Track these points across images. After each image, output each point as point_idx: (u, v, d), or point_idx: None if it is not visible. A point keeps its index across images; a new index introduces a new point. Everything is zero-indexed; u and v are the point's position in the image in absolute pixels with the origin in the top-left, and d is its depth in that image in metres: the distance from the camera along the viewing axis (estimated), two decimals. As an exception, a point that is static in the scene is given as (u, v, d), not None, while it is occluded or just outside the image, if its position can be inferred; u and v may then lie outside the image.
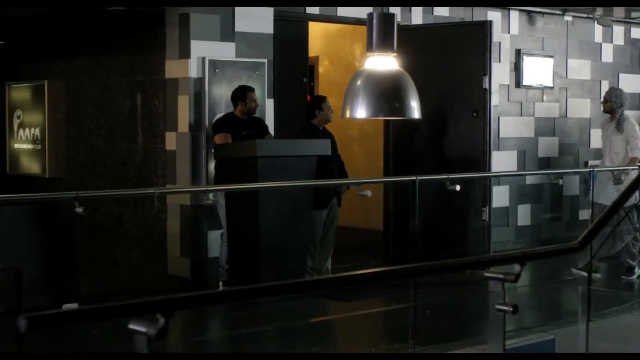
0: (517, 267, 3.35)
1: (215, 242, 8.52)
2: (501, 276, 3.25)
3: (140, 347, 2.47)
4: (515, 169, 11.04)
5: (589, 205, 11.87)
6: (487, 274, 3.32)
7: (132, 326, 2.49)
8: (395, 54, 5.13)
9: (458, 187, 6.76)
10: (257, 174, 7.81)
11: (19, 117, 10.91)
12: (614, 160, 9.22)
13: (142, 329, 2.46)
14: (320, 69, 11.77)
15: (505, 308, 3.25)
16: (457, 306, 7.90)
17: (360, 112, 5.04)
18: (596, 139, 12.02)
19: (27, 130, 10.77)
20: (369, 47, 5.12)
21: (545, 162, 11.45)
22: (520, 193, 11.18)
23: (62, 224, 7.64)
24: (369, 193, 6.29)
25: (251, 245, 8.01)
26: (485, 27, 9.51)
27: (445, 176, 6.68)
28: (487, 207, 9.22)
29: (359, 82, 5.09)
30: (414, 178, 6.18)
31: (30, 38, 10.94)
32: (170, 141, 8.82)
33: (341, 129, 9.21)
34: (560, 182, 8.35)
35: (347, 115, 5.12)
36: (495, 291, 3.26)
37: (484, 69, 9.47)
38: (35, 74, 10.78)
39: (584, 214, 11.85)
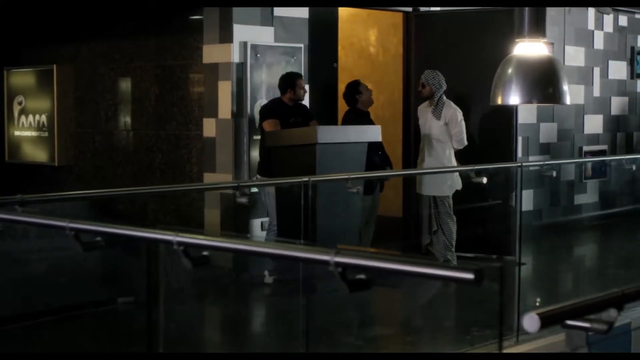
0: None
1: (258, 231, 8.36)
2: None
3: (579, 344, 2.39)
4: (521, 155, 11.12)
5: (583, 190, 12.19)
6: None
7: (571, 322, 2.40)
8: (545, 40, 5.09)
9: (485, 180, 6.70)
10: (315, 160, 7.69)
11: (20, 104, 10.46)
12: (435, 149, 8.70)
13: (585, 324, 2.38)
14: (331, 55, 11.55)
15: None
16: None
17: (514, 98, 5.00)
18: (590, 125, 12.25)
19: (30, 116, 10.34)
20: (520, 33, 5.08)
21: (546, 148, 11.58)
22: (524, 179, 11.26)
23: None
24: (484, 179, 6.26)
25: (305, 233, 7.87)
26: (512, 15, 9.52)
27: (542, 162, 6.68)
28: (514, 193, 9.26)
29: (510, 69, 5.04)
30: (519, 164, 6.18)
31: (31, 22, 10.48)
32: (209, 128, 8.60)
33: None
34: (555, 173, 7.92)
35: (499, 101, 5.08)
36: None
37: (510, 56, 9.49)
38: (39, 58, 10.35)
39: (579, 199, 12.07)
